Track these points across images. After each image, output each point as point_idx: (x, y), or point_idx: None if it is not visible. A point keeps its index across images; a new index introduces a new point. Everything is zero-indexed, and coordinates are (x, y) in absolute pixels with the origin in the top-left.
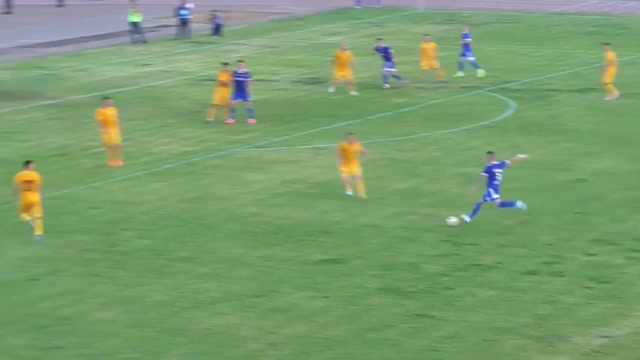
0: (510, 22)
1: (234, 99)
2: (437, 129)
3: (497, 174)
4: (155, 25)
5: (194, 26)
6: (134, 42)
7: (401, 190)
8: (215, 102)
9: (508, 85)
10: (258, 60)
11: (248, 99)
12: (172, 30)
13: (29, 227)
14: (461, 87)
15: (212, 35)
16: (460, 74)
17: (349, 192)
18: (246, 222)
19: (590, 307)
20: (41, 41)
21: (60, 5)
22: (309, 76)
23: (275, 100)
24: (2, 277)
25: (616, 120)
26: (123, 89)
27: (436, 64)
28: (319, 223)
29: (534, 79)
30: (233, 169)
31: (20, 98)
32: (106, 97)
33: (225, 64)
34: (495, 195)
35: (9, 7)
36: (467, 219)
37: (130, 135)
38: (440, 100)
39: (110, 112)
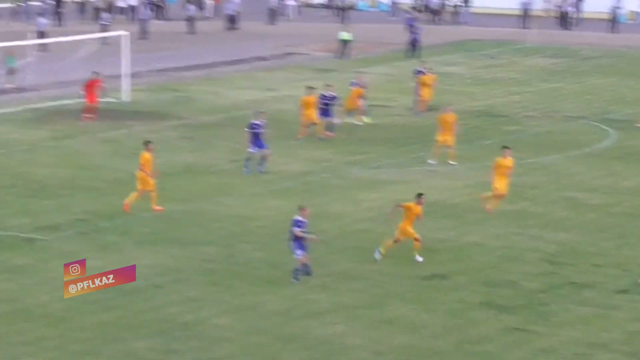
0: (617, 57)
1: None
2: (544, 155)
3: None
4: (282, 52)
5: (316, 54)
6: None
7: (509, 212)
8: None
9: (611, 115)
10: (378, 87)
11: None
12: (297, 58)
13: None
14: (567, 117)
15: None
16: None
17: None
18: (358, 238)
19: None
20: (175, 65)
21: (191, 33)
22: None
23: (391, 125)
24: (130, 284)
25: None
26: (249, 112)
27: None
28: (427, 240)
29: (637, 110)
30: (347, 188)
31: (153, 118)
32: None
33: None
34: None
35: (144, 34)
36: None
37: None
38: (547, 129)
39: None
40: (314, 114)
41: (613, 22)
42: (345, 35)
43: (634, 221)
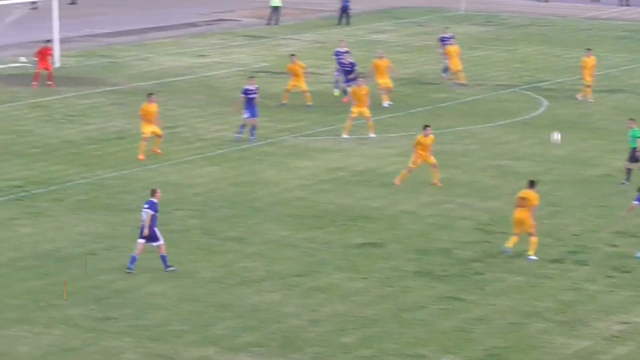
0: (545, 25)
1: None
2: (474, 124)
3: None
4: (213, 19)
5: (247, 21)
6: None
7: (439, 180)
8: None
9: (542, 84)
10: (308, 54)
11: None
12: (227, 24)
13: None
14: (497, 85)
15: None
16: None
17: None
18: (292, 206)
19: (612, 295)
20: (104, 31)
21: None
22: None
23: (322, 92)
24: (63, 251)
25: None
26: (180, 78)
27: (459, 65)
28: (360, 209)
29: (566, 79)
30: (281, 156)
31: (84, 84)
32: (150, 93)
33: (293, 55)
34: None
35: None
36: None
37: (186, 121)
38: (478, 97)
39: (153, 108)
40: (302, 82)
41: None
42: (275, 2)
43: (564, 189)
